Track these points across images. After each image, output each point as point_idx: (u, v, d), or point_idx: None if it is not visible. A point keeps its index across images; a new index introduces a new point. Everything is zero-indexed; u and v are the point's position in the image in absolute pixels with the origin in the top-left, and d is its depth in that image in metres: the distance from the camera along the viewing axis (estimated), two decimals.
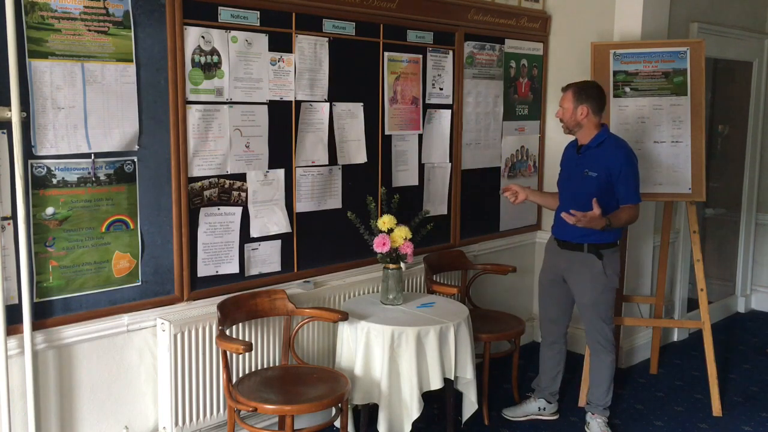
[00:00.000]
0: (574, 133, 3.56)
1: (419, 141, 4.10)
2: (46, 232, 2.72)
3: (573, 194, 3.54)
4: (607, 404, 3.68)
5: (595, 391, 3.69)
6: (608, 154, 3.45)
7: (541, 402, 3.88)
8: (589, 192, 3.43)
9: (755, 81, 5.57)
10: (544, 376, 3.89)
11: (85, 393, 2.93)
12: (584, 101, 3.45)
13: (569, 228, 3.47)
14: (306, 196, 3.57)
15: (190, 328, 3.08)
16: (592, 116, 3.47)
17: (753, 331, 5.49)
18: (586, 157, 3.51)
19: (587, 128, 3.49)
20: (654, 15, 4.42)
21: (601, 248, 3.50)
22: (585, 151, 3.52)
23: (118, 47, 2.82)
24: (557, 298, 3.75)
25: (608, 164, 3.43)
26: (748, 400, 4.19)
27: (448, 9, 4.11)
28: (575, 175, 3.55)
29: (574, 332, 4.78)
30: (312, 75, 3.52)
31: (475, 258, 4.49)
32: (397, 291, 3.53)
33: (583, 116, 3.46)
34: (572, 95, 3.47)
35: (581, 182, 3.50)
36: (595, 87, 3.52)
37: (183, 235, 3.10)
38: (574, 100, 3.46)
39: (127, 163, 2.91)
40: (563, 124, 3.55)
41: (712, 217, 5.83)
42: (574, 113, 3.47)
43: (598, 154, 3.47)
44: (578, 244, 3.54)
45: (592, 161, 3.48)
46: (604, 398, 3.66)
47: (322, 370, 3.27)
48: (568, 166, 3.64)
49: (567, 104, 3.49)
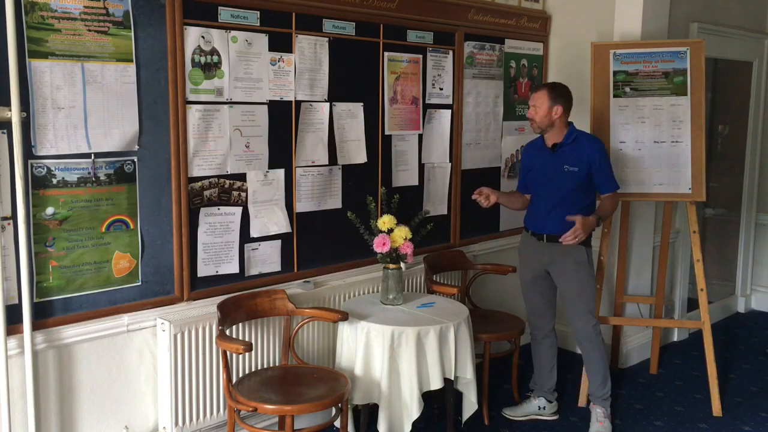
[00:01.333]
0: (545, 132, 3.62)
1: (419, 141, 4.10)
2: (46, 232, 2.72)
3: (551, 192, 3.62)
4: (606, 395, 3.70)
5: (591, 384, 3.75)
6: (585, 148, 3.56)
7: (541, 401, 3.89)
8: (571, 186, 3.55)
9: (755, 81, 5.57)
10: (540, 372, 3.92)
11: (85, 393, 2.93)
12: (558, 101, 3.53)
13: (550, 221, 3.60)
14: (306, 196, 3.57)
15: (190, 328, 3.08)
16: (564, 115, 3.56)
17: (753, 331, 5.49)
18: (563, 153, 3.59)
19: (558, 127, 3.58)
20: (654, 15, 4.42)
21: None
22: (560, 149, 3.59)
23: (118, 47, 2.82)
24: (541, 293, 3.80)
25: (588, 157, 3.54)
26: (748, 400, 4.18)
27: (448, 9, 4.11)
28: (552, 173, 3.61)
29: (571, 331, 4.79)
30: (312, 75, 3.52)
31: (475, 258, 4.49)
32: (397, 291, 3.53)
33: (557, 115, 3.54)
34: (547, 94, 3.54)
35: (561, 178, 3.58)
36: (566, 87, 3.62)
37: (183, 235, 3.10)
38: (549, 99, 3.53)
39: (127, 163, 2.91)
40: (535, 123, 3.61)
41: (712, 217, 5.83)
42: (549, 112, 3.54)
43: (574, 149, 3.57)
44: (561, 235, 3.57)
45: (569, 157, 3.57)
46: (602, 389, 3.70)
47: (322, 370, 3.27)
48: (541, 165, 3.68)
49: (541, 103, 3.55)
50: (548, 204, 3.62)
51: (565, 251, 3.60)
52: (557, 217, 3.56)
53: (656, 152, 4.07)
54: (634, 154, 4.10)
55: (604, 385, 3.70)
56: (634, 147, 4.10)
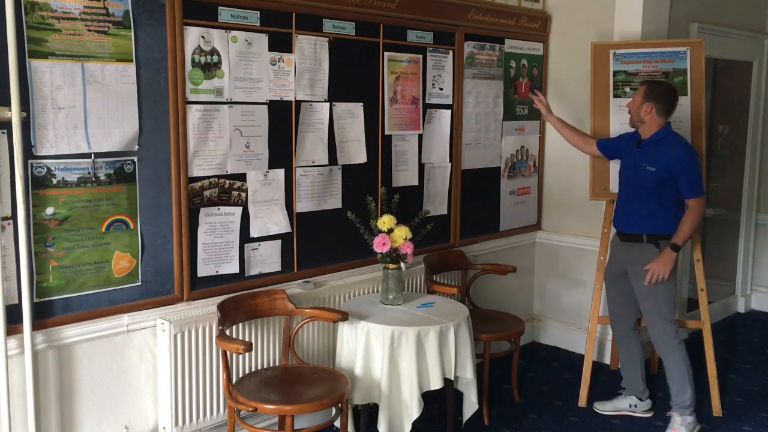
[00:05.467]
0: (638, 127, 3.65)
1: (419, 141, 4.10)
2: (46, 232, 2.72)
3: (630, 190, 3.67)
4: (685, 403, 3.63)
5: (671, 390, 3.68)
6: (666, 151, 3.53)
7: (632, 399, 3.91)
8: (648, 186, 3.56)
9: (755, 81, 5.57)
10: (625, 373, 3.95)
11: (85, 393, 2.93)
12: (650, 100, 3.54)
13: (630, 220, 3.64)
14: (306, 196, 3.57)
15: (190, 328, 3.08)
16: (655, 115, 3.56)
17: (753, 331, 5.49)
18: (646, 151, 3.60)
19: (649, 125, 3.59)
20: (654, 15, 4.42)
21: (660, 239, 3.57)
22: (645, 146, 3.61)
23: (118, 47, 2.82)
24: (621, 293, 3.80)
25: (667, 161, 3.51)
26: (748, 400, 4.18)
27: (448, 9, 4.11)
28: (633, 170, 3.65)
29: (572, 331, 4.80)
30: (312, 75, 3.52)
31: (475, 258, 4.48)
32: (397, 291, 3.53)
33: (646, 113, 3.56)
34: (643, 92, 3.59)
35: (639, 176, 3.60)
36: (666, 90, 3.59)
37: (183, 235, 3.10)
38: (643, 96, 3.57)
39: (127, 163, 2.91)
40: (630, 114, 3.67)
41: (712, 217, 5.83)
42: (639, 108, 3.57)
43: (656, 149, 3.57)
44: (638, 235, 3.62)
45: (650, 156, 3.57)
46: (681, 396, 3.64)
47: (322, 370, 3.27)
48: (627, 159, 3.72)
49: (637, 98, 3.61)
50: (628, 203, 3.66)
51: (640, 253, 3.59)
52: (635, 217, 3.61)
53: None
54: None
55: (682, 393, 3.62)
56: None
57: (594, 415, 3.93)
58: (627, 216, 3.67)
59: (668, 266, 3.51)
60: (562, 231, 4.88)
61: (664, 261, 3.51)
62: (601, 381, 4.35)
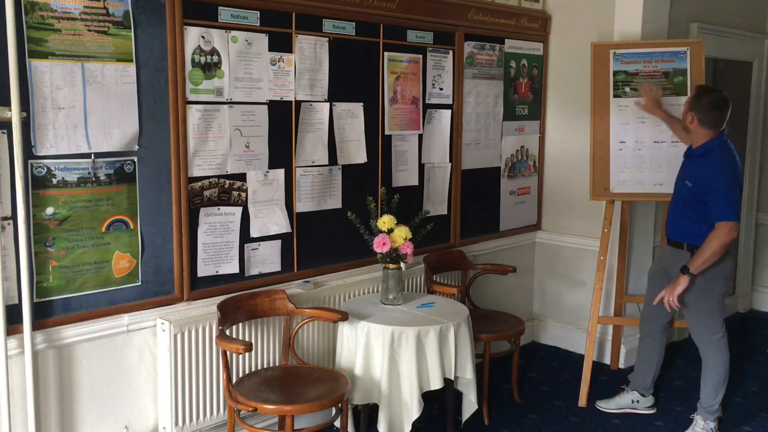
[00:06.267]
0: (688, 133, 3.60)
1: (419, 141, 4.10)
2: (46, 232, 2.72)
3: (674, 197, 3.64)
4: (712, 408, 3.59)
5: (702, 392, 3.63)
6: (706, 166, 3.41)
7: (634, 394, 3.91)
8: (684, 198, 3.52)
9: (755, 81, 5.57)
10: (637, 369, 3.95)
11: (85, 393, 2.93)
12: (694, 109, 3.45)
13: (675, 227, 3.60)
14: (306, 196, 3.57)
15: (190, 328, 3.08)
16: (698, 125, 3.45)
17: (753, 331, 5.49)
18: (689, 163, 3.56)
19: (695, 134, 3.50)
20: (654, 15, 4.42)
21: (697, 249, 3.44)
22: (690, 157, 3.57)
23: (118, 47, 2.82)
24: (656, 292, 3.65)
25: (703, 177, 3.41)
26: (748, 400, 4.19)
27: (448, 9, 4.11)
28: (679, 179, 3.61)
29: (572, 331, 4.80)
30: (312, 75, 3.52)
31: (475, 258, 4.49)
32: (397, 291, 3.53)
33: (689, 122, 3.49)
34: (689, 100, 3.53)
35: (679, 187, 3.59)
36: (709, 101, 3.42)
37: (183, 235, 3.10)
38: (688, 104, 3.51)
39: (127, 163, 2.91)
40: None
41: None
42: (685, 116, 3.52)
43: (698, 163, 3.48)
44: (679, 243, 3.59)
45: (691, 170, 3.52)
46: (711, 400, 3.58)
47: (322, 370, 3.27)
48: (680, 167, 3.67)
49: (685, 105, 3.56)
50: (674, 211, 3.61)
51: (680, 259, 3.51)
52: (679, 225, 3.57)
53: (656, 152, 4.07)
54: (634, 154, 4.10)
55: (713, 397, 3.58)
56: (634, 147, 4.10)
57: (594, 415, 3.93)
58: (673, 222, 3.63)
59: (677, 291, 3.43)
60: (562, 231, 4.88)
61: (674, 286, 3.45)
62: (601, 381, 4.35)
